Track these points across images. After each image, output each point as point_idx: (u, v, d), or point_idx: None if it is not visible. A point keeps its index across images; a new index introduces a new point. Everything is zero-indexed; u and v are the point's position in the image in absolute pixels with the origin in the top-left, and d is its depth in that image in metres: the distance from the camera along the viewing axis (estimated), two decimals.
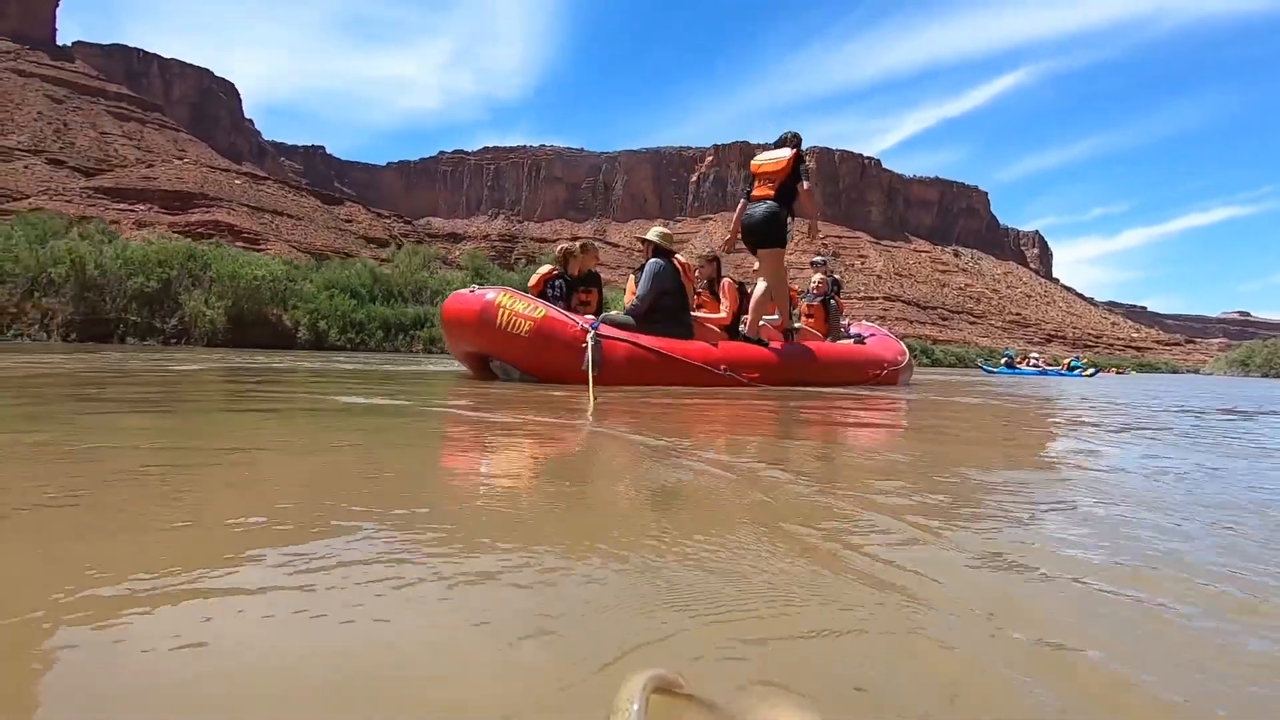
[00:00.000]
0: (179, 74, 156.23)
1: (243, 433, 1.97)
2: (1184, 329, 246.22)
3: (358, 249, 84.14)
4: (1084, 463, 2.01)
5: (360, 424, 2.30)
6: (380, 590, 0.72)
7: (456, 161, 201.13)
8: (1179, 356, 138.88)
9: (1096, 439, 2.75)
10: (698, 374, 4.90)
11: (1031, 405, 5.01)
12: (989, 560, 0.93)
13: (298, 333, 12.80)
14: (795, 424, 2.91)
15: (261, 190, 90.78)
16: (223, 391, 3.50)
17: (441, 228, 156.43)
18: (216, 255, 12.84)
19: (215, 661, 0.56)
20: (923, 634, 0.67)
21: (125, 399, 2.81)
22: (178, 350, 8.80)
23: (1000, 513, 1.25)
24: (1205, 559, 0.96)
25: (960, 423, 3.28)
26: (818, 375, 5.91)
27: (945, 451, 2.13)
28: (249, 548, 0.84)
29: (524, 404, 3.02)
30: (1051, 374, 22.76)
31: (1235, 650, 0.67)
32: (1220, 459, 2.19)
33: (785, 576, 0.81)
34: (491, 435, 2.07)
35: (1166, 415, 4.32)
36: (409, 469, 1.50)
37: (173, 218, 74.32)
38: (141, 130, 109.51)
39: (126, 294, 11.13)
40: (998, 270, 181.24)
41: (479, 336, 4.54)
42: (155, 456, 1.52)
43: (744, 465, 1.65)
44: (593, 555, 0.86)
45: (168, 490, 1.16)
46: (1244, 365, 45.12)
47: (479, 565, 0.80)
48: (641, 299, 4.98)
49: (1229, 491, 1.57)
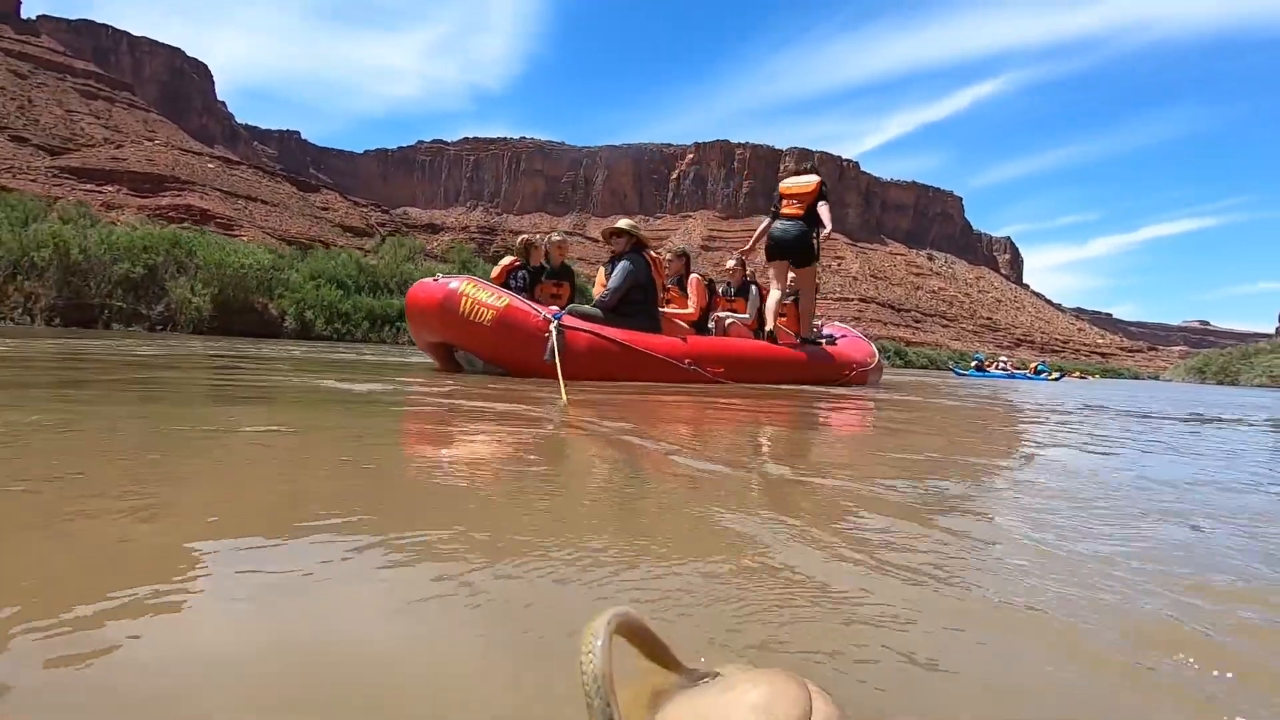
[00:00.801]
0: (149, 52, 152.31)
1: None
2: (1147, 336, 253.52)
3: (334, 237, 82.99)
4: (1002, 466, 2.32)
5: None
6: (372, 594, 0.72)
7: (436, 151, 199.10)
8: (1141, 363, 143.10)
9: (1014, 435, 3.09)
10: (661, 368, 4.83)
11: (995, 408, 5.33)
12: (864, 545, 1.16)
13: (284, 322, 12.84)
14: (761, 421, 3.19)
15: (235, 175, 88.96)
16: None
17: (419, 218, 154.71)
18: (202, 242, 12.81)
19: (179, 657, 0.56)
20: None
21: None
22: (163, 337, 8.85)
23: (899, 492, 1.53)
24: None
25: (920, 423, 3.58)
26: (787, 373, 5.91)
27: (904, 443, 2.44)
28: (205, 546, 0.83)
29: (486, 397, 2.96)
30: (1019, 377, 23.52)
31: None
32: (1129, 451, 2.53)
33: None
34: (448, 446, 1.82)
35: (1100, 416, 4.71)
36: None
37: (142, 200, 72.60)
38: (110, 109, 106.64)
39: (111, 279, 11.08)
40: (970, 275, 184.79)
41: (442, 325, 4.48)
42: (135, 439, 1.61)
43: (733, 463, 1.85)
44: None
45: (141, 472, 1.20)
46: (1201, 373, 46.88)
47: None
48: (613, 292, 4.94)
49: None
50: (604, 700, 0.34)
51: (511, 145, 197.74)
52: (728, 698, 0.38)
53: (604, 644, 0.36)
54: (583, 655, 0.35)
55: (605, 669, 0.35)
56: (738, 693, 0.38)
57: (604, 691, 0.34)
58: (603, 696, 0.34)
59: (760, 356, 5.76)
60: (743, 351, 5.62)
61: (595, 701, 0.34)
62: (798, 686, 0.38)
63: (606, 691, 0.34)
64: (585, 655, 0.35)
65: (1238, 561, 1.01)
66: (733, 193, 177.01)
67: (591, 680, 0.34)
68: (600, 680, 0.34)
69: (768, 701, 0.36)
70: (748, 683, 0.39)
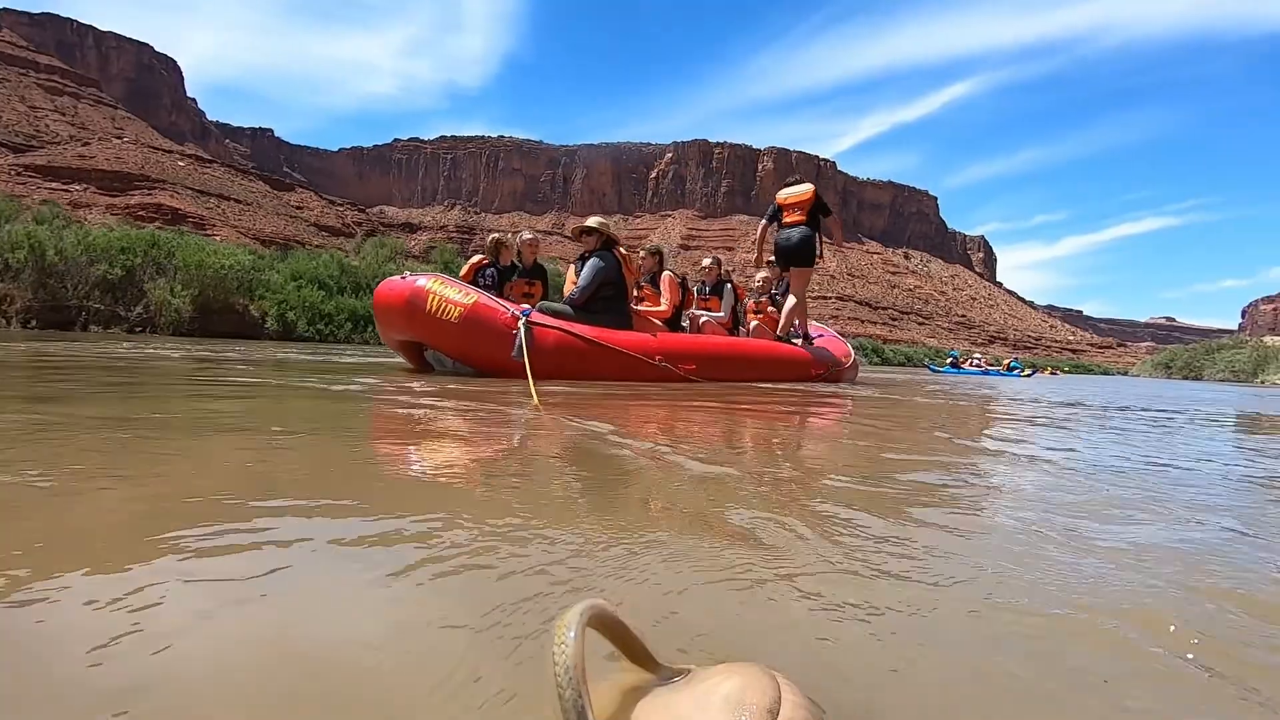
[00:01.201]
0: (116, 48, 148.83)
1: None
2: (1115, 333, 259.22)
3: (310, 237, 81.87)
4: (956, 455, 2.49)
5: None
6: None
7: (412, 149, 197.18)
8: (1110, 359, 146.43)
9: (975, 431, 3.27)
10: (631, 364, 4.76)
11: (969, 404, 5.54)
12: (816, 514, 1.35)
13: (265, 323, 12.76)
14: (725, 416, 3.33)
15: (207, 173, 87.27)
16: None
17: (396, 217, 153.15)
18: (181, 243, 12.67)
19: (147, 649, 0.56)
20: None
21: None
22: (142, 340, 8.78)
23: (839, 483, 1.70)
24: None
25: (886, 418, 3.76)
26: (761, 370, 5.87)
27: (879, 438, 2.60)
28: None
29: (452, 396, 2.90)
30: (993, 374, 24.03)
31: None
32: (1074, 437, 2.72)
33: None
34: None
35: (1064, 410, 4.94)
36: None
37: (111, 199, 71.00)
38: (75, 105, 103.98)
39: (89, 281, 10.94)
40: (945, 273, 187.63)
41: (409, 323, 4.42)
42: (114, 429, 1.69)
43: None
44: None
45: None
46: (1167, 368, 48.16)
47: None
48: (582, 289, 4.92)
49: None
50: (575, 692, 0.34)
51: (489, 144, 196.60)
52: (700, 690, 0.39)
53: (576, 636, 0.36)
54: (555, 647, 0.35)
55: (577, 661, 0.34)
56: (710, 685, 0.38)
57: (575, 683, 0.34)
58: (574, 688, 0.34)
59: (733, 353, 5.72)
60: (715, 348, 5.56)
61: (566, 693, 0.34)
62: (768, 679, 0.38)
63: (578, 683, 0.34)
64: (557, 647, 0.35)
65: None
66: (711, 192, 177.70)
67: (563, 672, 0.34)
68: (572, 672, 0.34)
69: (739, 694, 0.36)
70: (719, 676, 0.39)
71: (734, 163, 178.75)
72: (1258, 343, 43.51)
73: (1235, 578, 0.90)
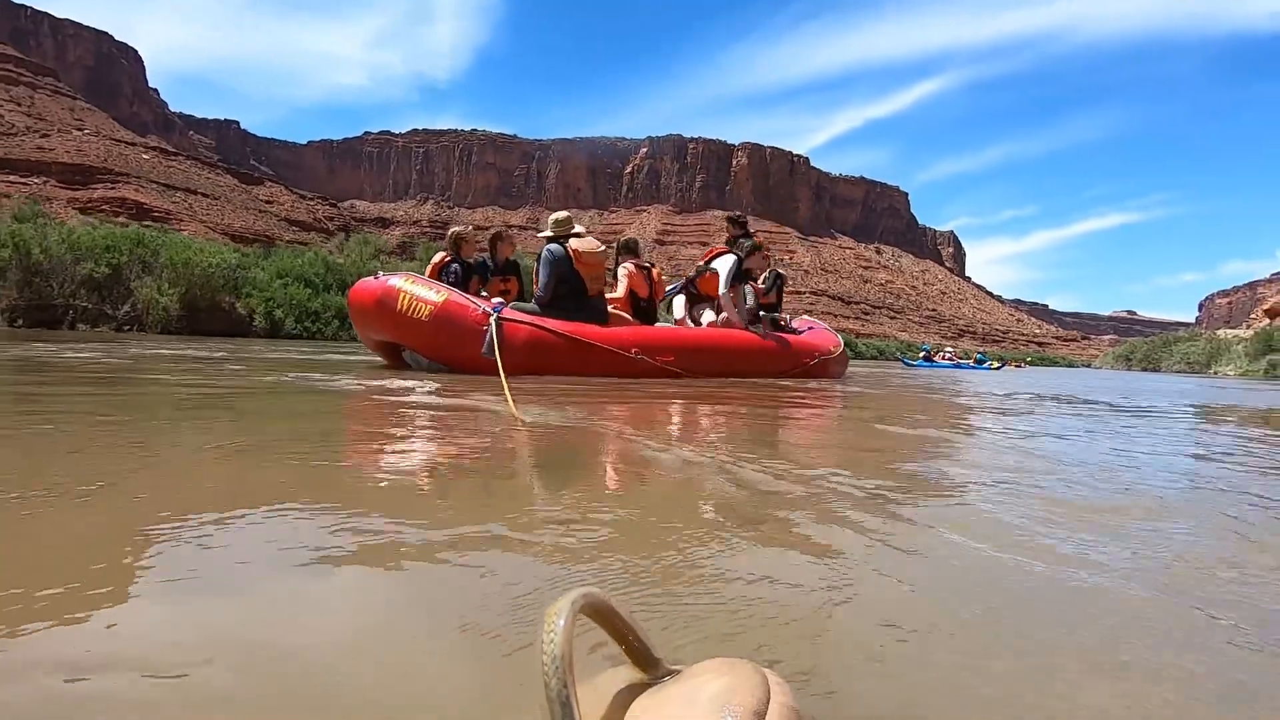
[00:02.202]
0: (74, 35, 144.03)
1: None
2: (1080, 326, 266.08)
3: (280, 232, 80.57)
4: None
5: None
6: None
7: (383, 143, 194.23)
8: (1075, 351, 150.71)
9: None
10: (606, 358, 4.64)
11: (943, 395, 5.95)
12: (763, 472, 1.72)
13: (253, 321, 12.82)
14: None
15: (173, 166, 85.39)
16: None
17: (368, 211, 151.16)
18: (166, 241, 12.67)
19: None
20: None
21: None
22: (129, 338, 8.85)
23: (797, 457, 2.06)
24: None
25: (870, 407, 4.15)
26: (745, 363, 5.63)
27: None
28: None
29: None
30: (964, 368, 24.82)
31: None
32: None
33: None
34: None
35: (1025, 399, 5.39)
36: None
37: (73, 193, 69.05)
38: (32, 96, 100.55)
39: (75, 280, 10.93)
40: (916, 268, 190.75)
41: (381, 322, 4.43)
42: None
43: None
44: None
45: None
46: (1127, 360, 49.94)
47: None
48: (544, 288, 4.82)
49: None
50: (561, 682, 0.34)
51: (462, 137, 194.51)
52: (688, 689, 0.39)
53: (566, 625, 0.35)
54: (544, 636, 0.35)
55: (565, 651, 0.34)
56: (697, 684, 0.39)
57: (562, 673, 0.34)
58: (560, 678, 0.34)
59: (713, 345, 5.47)
60: (694, 340, 5.37)
61: (552, 683, 0.34)
62: (758, 678, 0.38)
63: (564, 673, 0.34)
64: (546, 636, 0.35)
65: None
66: (686, 187, 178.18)
67: (550, 661, 0.34)
68: (559, 661, 0.34)
69: (727, 693, 0.37)
70: (709, 674, 0.39)
71: (708, 158, 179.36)
72: (1211, 336, 45.42)
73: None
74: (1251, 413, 4.99)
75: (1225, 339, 41.11)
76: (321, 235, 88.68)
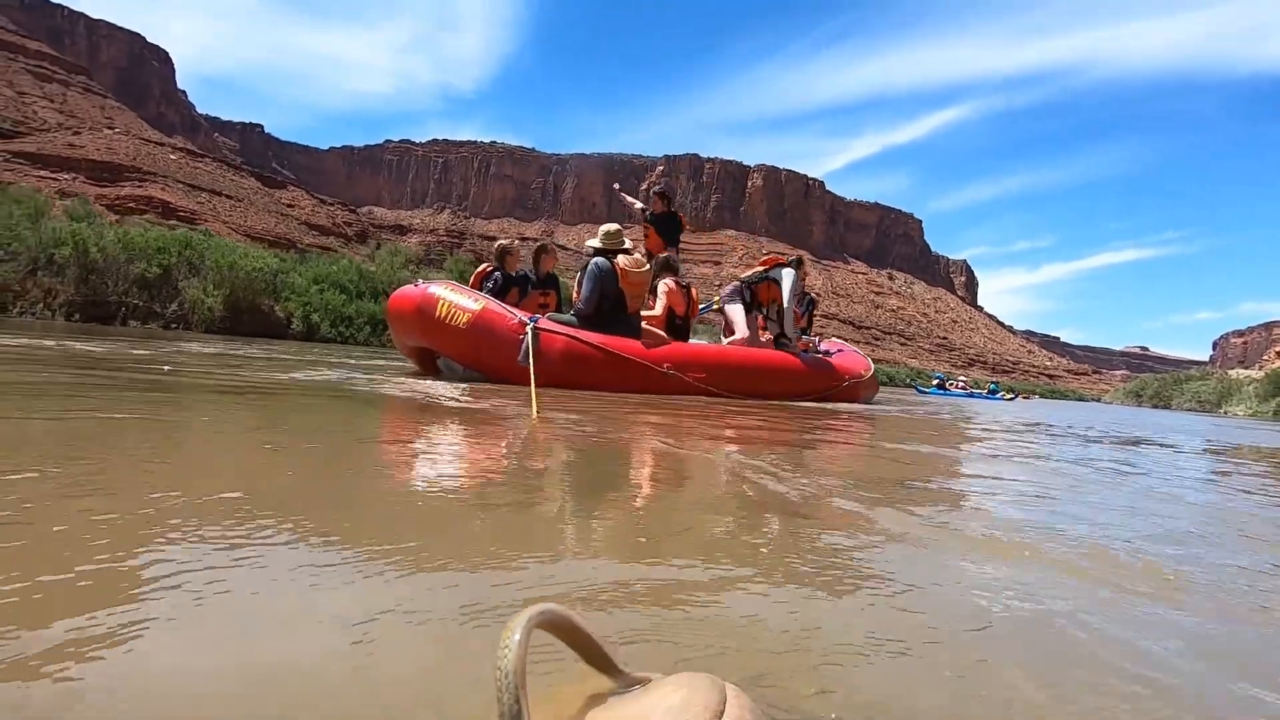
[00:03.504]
0: (107, 36, 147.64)
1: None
2: (1091, 360, 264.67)
3: (300, 235, 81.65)
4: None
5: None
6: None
7: (403, 151, 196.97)
8: (1086, 385, 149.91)
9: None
10: (638, 372, 4.65)
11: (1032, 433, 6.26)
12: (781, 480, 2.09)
13: (290, 324, 13.32)
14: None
15: (199, 168, 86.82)
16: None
17: (385, 218, 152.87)
18: (211, 245, 13.23)
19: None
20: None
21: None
22: (179, 336, 9.33)
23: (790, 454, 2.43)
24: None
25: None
26: (776, 383, 5.65)
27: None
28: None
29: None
30: (978, 397, 25.11)
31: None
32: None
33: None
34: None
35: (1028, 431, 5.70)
36: None
37: (100, 189, 70.29)
38: (65, 93, 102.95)
39: (128, 278, 11.47)
40: (928, 295, 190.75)
41: (419, 329, 4.49)
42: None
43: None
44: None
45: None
46: (1138, 396, 50.04)
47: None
48: (586, 301, 4.85)
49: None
50: (513, 696, 0.34)
51: (481, 149, 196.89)
52: (646, 701, 0.39)
53: (520, 640, 0.35)
54: (499, 650, 0.35)
55: (518, 665, 0.34)
56: (656, 696, 0.39)
57: (513, 687, 0.34)
58: (512, 692, 0.34)
59: (745, 364, 5.50)
60: (726, 358, 5.39)
61: (505, 697, 0.34)
62: (716, 690, 0.39)
63: (516, 687, 0.34)
64: (501, 650, 0.35)
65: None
66: (701, 206, 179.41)
67: (504, 676, 0.34)
68: (511, 676, 0.34)
69: (683, 704, 0.37)
70: (669, 686, 0.40)
71: (724, 178, 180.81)
72: (1222, 375, 45.48)
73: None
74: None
75: (1237, 379, 41.14)
76: (340, 240, 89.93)
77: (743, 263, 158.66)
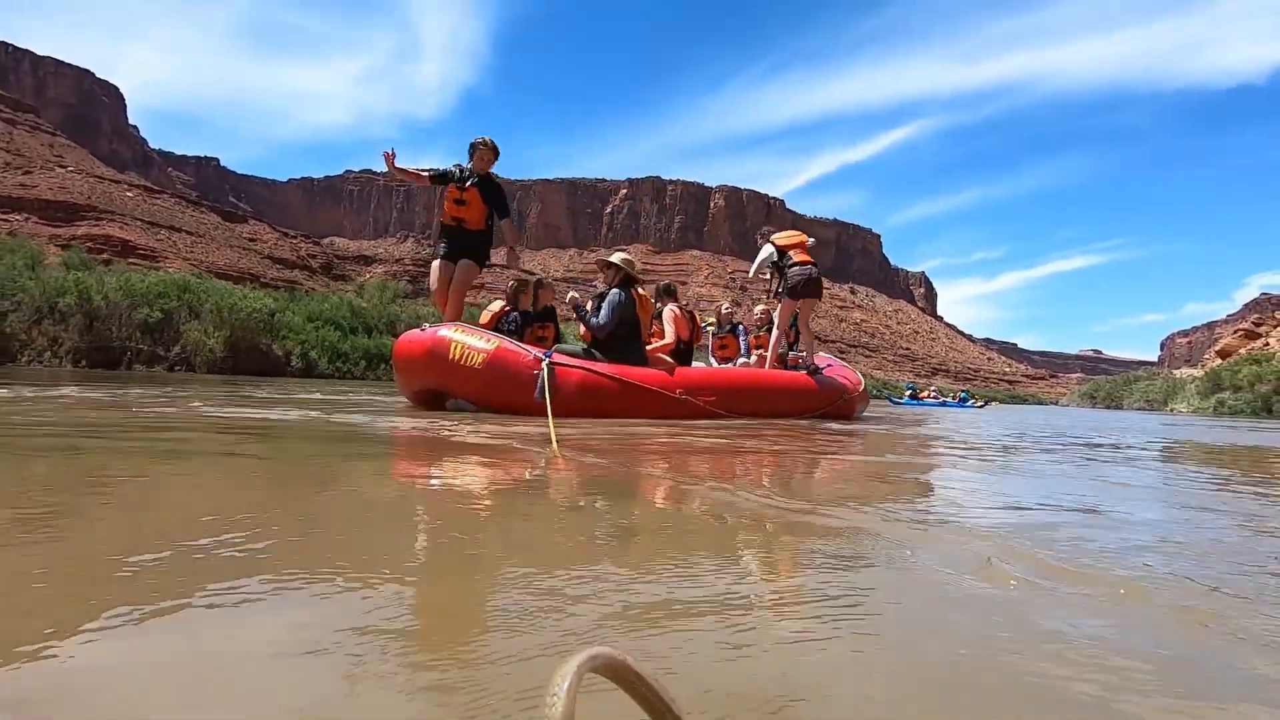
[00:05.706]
0: (55, 73, 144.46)
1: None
2: (1048, 364, 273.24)
3: (264, 269, 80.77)
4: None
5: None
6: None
7: (365, 181, 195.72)
8: (1043, 389, 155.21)
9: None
10: (653, 400, 4.75)
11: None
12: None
13: (289, 361, 13.69)
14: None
15: (156, 204, 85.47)
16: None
17: (348, 249, 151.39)
18: (208, 289, 13.58)
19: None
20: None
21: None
22: (189, 379, 9.65)
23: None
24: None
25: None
26: (781, 402, 5.86)
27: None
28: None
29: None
30: (950, 405, 26.29)
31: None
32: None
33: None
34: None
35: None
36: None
37: (55, 230, 68.62)
38: (11, 132, 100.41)
39: (132, 324, 11.78)
40: (889, 308, 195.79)
41: (432, 372, 4.49)
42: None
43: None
44: None
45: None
46: (1092, 398, 52.43)
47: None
48: (606, 322, 4.92)
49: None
50: None
51: None
52: None
53: (570, 687, 0.33)
54: (547, 699, 0.33)
55: (567, 713, 0.32)
56: None
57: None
58: None
59: (751, 385, 5.76)
60: (734, 380, 5.62)
61: None
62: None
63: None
64: (550, 699, 0.33)
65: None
66: (665, 227, 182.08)
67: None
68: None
69: None
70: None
71: (687, 200, 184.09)
72: (1168, 375, 48.16)
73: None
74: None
75: (1180, 378, 43.55)
76: (305, 273, 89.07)
77: (709, 281, 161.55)
